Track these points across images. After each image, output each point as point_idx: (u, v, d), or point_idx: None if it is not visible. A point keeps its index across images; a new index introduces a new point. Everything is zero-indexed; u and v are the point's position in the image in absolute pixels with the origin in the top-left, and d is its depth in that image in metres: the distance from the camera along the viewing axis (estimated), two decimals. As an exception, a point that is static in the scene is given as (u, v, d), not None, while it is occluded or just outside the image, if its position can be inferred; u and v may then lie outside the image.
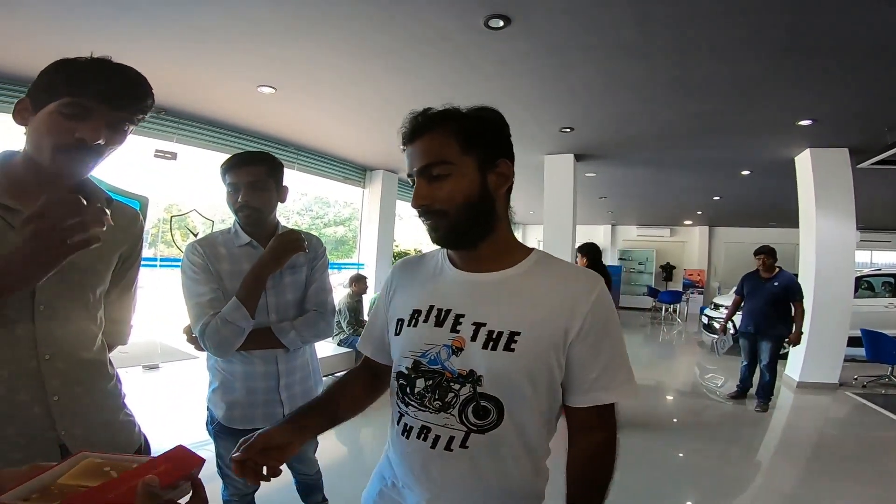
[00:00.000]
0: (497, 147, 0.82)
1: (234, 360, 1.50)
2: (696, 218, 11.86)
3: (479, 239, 0.83)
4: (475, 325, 0.80)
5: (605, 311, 0.81)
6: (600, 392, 0.81)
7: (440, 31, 2.86)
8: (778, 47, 2.86)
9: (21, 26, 2.87)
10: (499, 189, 0.82)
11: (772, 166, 5.73)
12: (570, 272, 0.86)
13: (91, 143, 0.83)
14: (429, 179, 0.79)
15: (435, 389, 0.82)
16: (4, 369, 0.83)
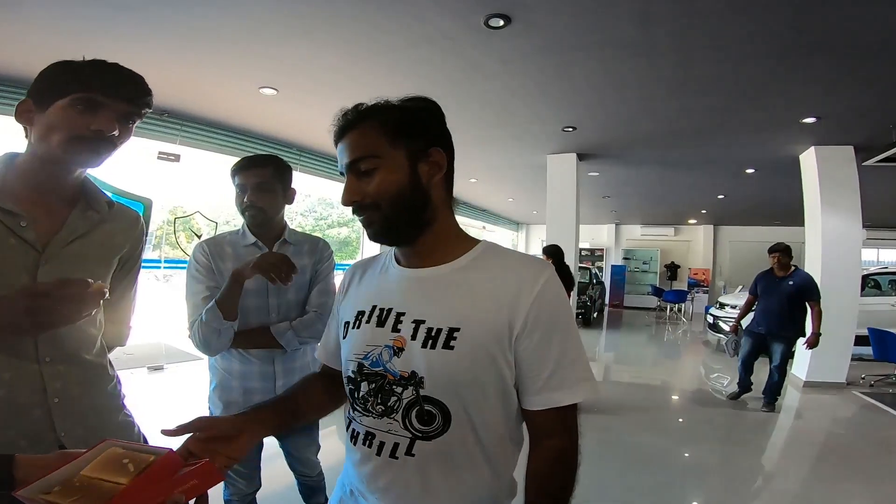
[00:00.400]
0: (428, 137, 0.77)
1: (233, 358, 1.52)
2: (701, 217, 11.81)
3: (417, 232, 0.78)
4: (415, 322, 0.76)
5: (554, 301, 0.76)
6: (553, 392, 0.74)
7: (441, 31, 2.86)
8: (781, 45, 2.84)
9: (21, 29, 2.89)
10: (432, 178, 0.77)
11: (777, 164, 5.69)
12: (515, 261, 0.79)
13: (107, 133, 0.87)
14: (358, 174, 0.75)
15: (378, 393, 0.78)
16: (6, 372, 0.84)
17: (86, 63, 0.87)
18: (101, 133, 0.86)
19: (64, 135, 0.84)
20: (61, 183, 0.92)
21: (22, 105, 0.87)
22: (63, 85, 0.84)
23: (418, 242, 0.80)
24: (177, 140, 4.67)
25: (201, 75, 3.65)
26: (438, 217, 0.80)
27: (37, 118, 0.86)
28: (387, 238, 0.79)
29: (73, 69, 0.86)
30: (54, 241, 0.89)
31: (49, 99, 0.85)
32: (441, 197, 0.80)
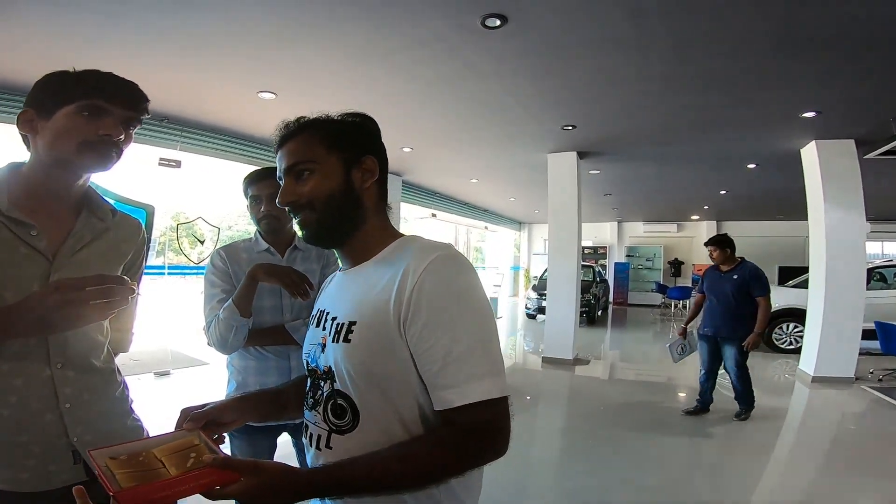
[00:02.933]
0: (361, 147, 0.83)
1: (250, 357, 1.59)
2: (704, 213, 11.78)
3: (347, 234, 0.83)
4: (332, 319, 0.81)
5: (438, 286, 0.70)
6: (443, 392, 0.68)
7: (436, 32, 2.87)
8: (777, 38, 2.83)
9: (19, 37, 2.91)
10: (364, 183, 0.82)
11: (778, 159, 5.67)
12: (413, 249, 0.77)
13: (114, 138, 0.89)
14: (296, 178, 0.80)
15: (311, 387, 0.84)
16: (18, 378, 0.86)
17: (83, 72, 0.89)
18: (108, 137, 0.89)
19: (73, 141, 0.86)
20: (67, 191, 0.94)
21: (24, 115, 0.89)
22: (66, 93, 0.86)
23: (348, 244, 0.84)
24: (177, 146, 4.69)
25: (200, 81, 3.67)
26: (368, 219, 0.83)
27: (41, 126, 0.88)
28: (320, 239, 0.84)
29: (73, 78, 0.88)
30: (63, 250, 0.91)
31: (52, 107, 0.86)
32: (373, 200, 0.84)
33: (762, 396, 4.46)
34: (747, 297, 3.69)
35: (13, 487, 0.85)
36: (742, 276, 3.72)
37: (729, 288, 3.73)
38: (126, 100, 0.91)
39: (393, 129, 4.95)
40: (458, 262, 0.75)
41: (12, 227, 0.85)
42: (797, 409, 4.42)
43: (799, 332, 6.56)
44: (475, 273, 0.76)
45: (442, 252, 0.74)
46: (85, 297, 0.77)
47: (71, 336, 0.91)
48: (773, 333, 6.90)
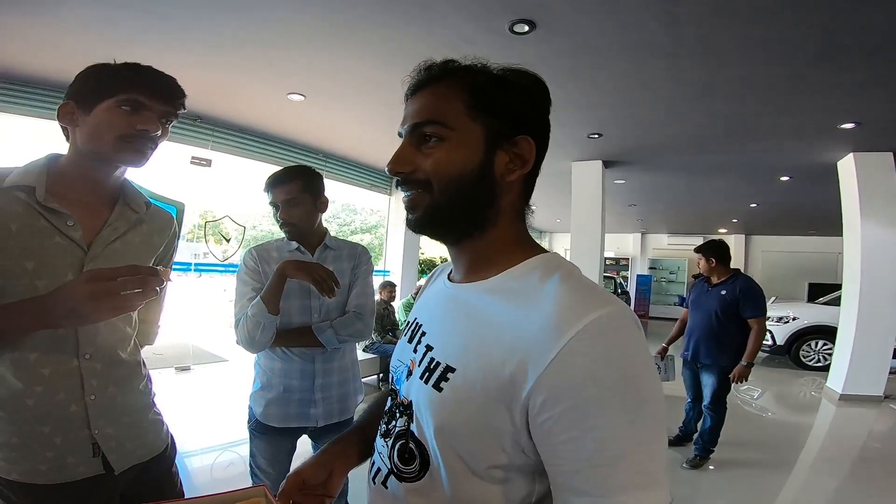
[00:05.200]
0: (519, 119, 0.61)
1: (276, 357, 1.59)
2: (732, 226, 11.49)
3: (467, 234, 0.63)
4: (426, 347, 0.64)
5: (600, 362, 0.49)
6: (577, 497, 0.50)
7: (465, 37, 2.88)
8: (815, 46, 2.75)
9: (58, 35, 2.99)
10: (509, 174, 0.61)
11: (813, 171, 5.49)
12: (557, 291, 0.55)
13: (151, 132, 0.90)
14: (418, 141, 0.61)
15: (389, 411, 0.70)
16: (46, 368, 0.86)
17: (124, 66, 0.91)
18: (146, 132, 0.90)
19: (113, 134, 0.88)
20: (104, 182, 0.95)
21: (64, 107, 0.90)
22: (107, 87, 0.88)
23: (466, 248, 0.65)
24: (209, 145, 4.80)
25: (232, 81, 3.75)
26: (500, 221, 0.63)
27: (81, 119, 0.89)
28: (430, 230, 0.65)
29: (114, 71, 0.90)
30: (98, 240, 0.92)
31: (93, 100, 0.88)
32: (512, 200, 0.63)
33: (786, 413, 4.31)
34: (735, 317, 3.03)
35: (31, 479, 0.85)
36: (731, 292, 3.05)
37: (713, 304, 3.09)
38: (165, 95, 0.92)
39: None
40: (626, 329, 0.51)
41: (49, 217, 0.86)
42: (822, 427, 4.27)
43: (828, 350, 6.41)
44: (645, 343, 0.53)
45: (604, 312, 0.51)
46: (118, 287, 0.76)
47: (101, 327, 0.92)
48: (801, 350, 6.77)
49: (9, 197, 0.84)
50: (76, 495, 0.88)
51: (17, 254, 0.83)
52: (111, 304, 0.77)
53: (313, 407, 1.57)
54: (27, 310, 0.79)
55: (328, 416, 1.59)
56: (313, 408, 1.57)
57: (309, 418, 1.56)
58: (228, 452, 3.12)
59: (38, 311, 0.79)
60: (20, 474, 0.85)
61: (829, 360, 5.84)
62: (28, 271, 0.83)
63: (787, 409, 4.22)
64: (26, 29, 2.90)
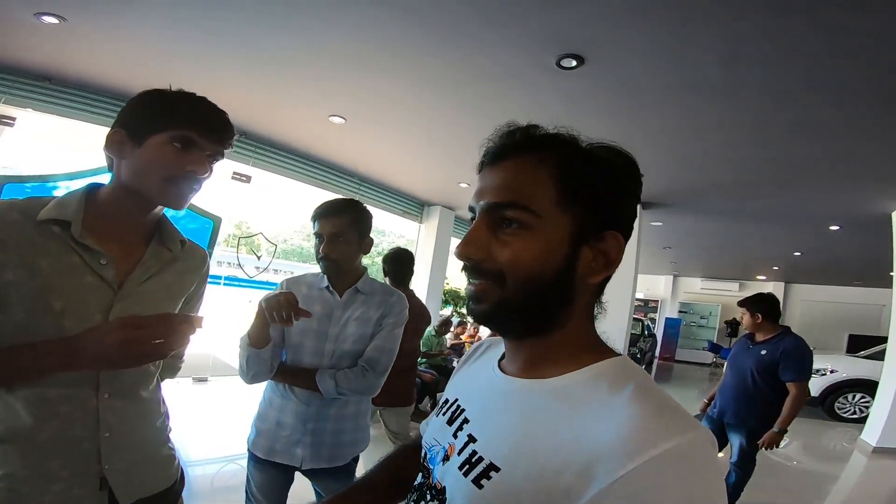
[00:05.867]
0: (611, 212, 0.55)
1: (277, 390, 1.55)
2: (772, 273, 11.06)
3: (532, 333, 0.57)
4: (469, 437, 0.58)
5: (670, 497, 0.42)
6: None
7: (510, 69, 2.86)
8: (875, 92, 2.63)
9: (124, 43, 3.10)
10: (592, 275, 0.55)
11: (865, 221, 5.24)
12: (629, 406, 0.48)
13: (199, 174, 0.88)
14: (495, 224, 0.55)
15: (420, 489, 0.65)
16: (63, 406, 0.83)
17: (179, 97, 0.88)
18: (193, 174, 0.87)
19: (161, 173, 0.85)
20: (142, 218, 0.92)
21: (114, 136, 0.87)
22: (161, 119, 0.85)
23: (529, 343, 0.58)
24: (250, 161, 4.92)
25: (277, 100, 3.84)
26: (570, 323, 0.56)
27: (129, 151, 0.86)
28: (497, 325, 0.58)
29: (168, 103, 0.86)
30: (130, 280, 0.89)
31: (145, 132, 0.85)
32: (587, 298, 0.57)
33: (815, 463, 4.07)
34: (773, 379, 2.70)
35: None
36: (772, 353, 2.73)
37: (751, 363, 2.79)
38: (218, 134, 0.89)
39: (453, 163, 4.97)
40: (708, 463, 0.45)
41: (82, 254, 0.83)
42: (851, 478, 4.10)
43: (865, 402, 6.27)
44: (721, 478, 0.47)
45: (685, 439, 0.44)
46: (149, 336, 0.75)
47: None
48: (837, 402, 6.63)
49: (43, 231, 0.81)
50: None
51: (46, 292, 0.80)
52: (140, 352, 0.76)
53: (300, 448, 1.49)
54: (53, 350, 0.77)
55: (315, 459, 1.50)
56: (300, 448, 1.49)
57: (294, 458, 1.49)
58: (234, 465, 3.11)
59: (63, 353, 0.77)
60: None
61: (865, 412, 5.73)
62: (56, 310, 0.80)
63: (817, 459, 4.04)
64: (98, 38, 3.04)
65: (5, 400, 0.81)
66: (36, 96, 3.64)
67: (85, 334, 0.77)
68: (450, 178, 5.63)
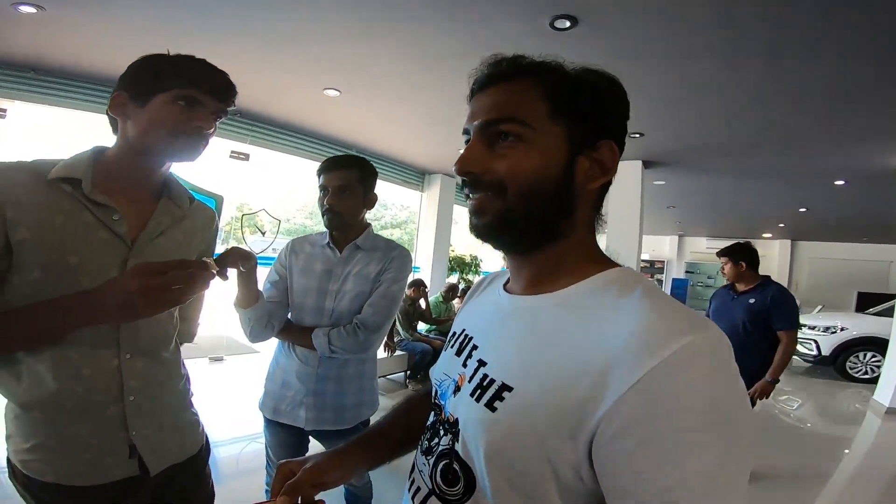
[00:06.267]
0: (604, 123, 0.56)
1: (282, 351, 1.57)
2: (778, 231, 10.96)
3: (535, 245, 0.57)
4: (479, 363, 0.59)
5: (686, 394, 0.42)
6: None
7: (504, 34, 2.79)
8: (880, 51, 2.55)
9: (104, 26, 3.04)
10: (590, 182, 0.56)
11: (871, 176, 5.15)
12: (637, 310, 0.48)
13: (206, 130, 0.90)
14: (490, 140, 0.55)
15: (432, 427, 0.65)
16: (86, 368, 0.84)
17: (179, 59, 0.89)
18: (200, 129, 0.88)
19: (167, 130, 0.86)
20: (151, 176, 0.94)
21: (116, 98, 0.88)
22: (163, 80, 0.86)
23: (532, 259, 0.59)
24: (247, 140, 4.89)
25: (270, 77, 3.78)
26: (574, 231, 0.57)
27: (134, 112, 0.87)
28: (497, 238, 0.58)
29: (170, 65, 0.87)
30: (142, 236, 0.90)
31: (148, 93, 0.86)
32: (587, 209, 0.58)
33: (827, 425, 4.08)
34: (764, 329, 2.70)
35: (69, 481, 0.84)
36: (761, 302, 2.73)
37: (741, 315, 2.77)
38: (220, 92, 0.91)
39: (452, 131, 4.92)
40: (718, 356, 0.45)
41: (94, 211, 0.84)
42: (865, 441, 4.07)
43: (877, 362, 6.15)
44: (737, 373, 0.46)
45: (699, 336, 0.44)
46: (168, 281, 0.75)
47: (143, 325, 0.90)
48: (848, 362, 6.49)
49: (54, 190, 0.82)
50: (111, 496, 0.87)
51: (61, 249, 0.80)
52: (161, 299, 0.76)
53: (304, 409, 1.50)
54: (76, 304, 0.77)
55: (318, 422, 1.51)
56: (303, 409, 1.50)
57: (297, 419, 1.50)
58: (256, 443, 3.15)
59: (86, 306, 0.77)
60: (56, 476, 0.83)
61: (877, 371, 5.62)
62: (72, 267, 0.81)
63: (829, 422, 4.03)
64: (81, 25, 2.98)
65: (28, 364, 0.82)
66: (23, 87, 3.61)
67: (104, 285, 0.77)
68: (450, 146, 5.58)
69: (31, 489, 0.85)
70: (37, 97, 3.69)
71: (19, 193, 0.79)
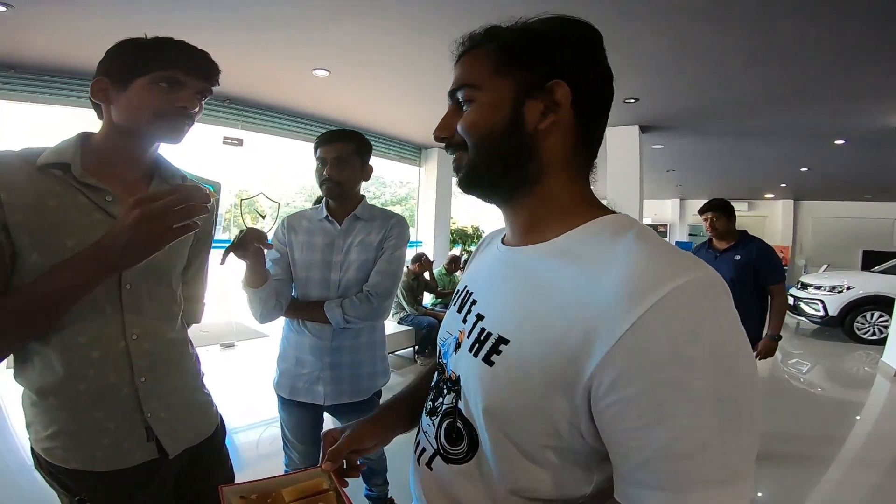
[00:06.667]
0: (551, 66, 0.56)
1: (292, 328, 1.58)
2: (780, 191, 10.88)
3: (511, 190, 0.60)
4: (477, 316, 0.60)
5: (680, 338, 0.41)
6: (641, 489, 0.43)
7: (494, 3, 2.73)
8: (878, 10, 2.50)
9: (79, 22, 2.99)
10: (541, 121, 0.56)
11: (870, 135, 5.09)
12: (629, 253, 0.48)
13: (190, 110, 0.89)
14: (456, 107, 0.62)
15: (436, 387, 0.66)
16: (95, 350, 0.85)
17: (157, 41, 0.88)
18: (184, 109, 0.88)
19: (150, 111, 0.86)
20: (139, 158, 0.94)
21: (97, 83, 0.88)
22: (142, 63, 0.86)
23: (519, 207, 0.61)
24: (239, 125, 4.86)
25: (257, 60, 3.73)
26: (549, 175, 0.58)
27: (115, 96, 0.87)
28: (475, 189, 0.62)
29: (148, 47, 0.87)
30: None
31: (128, 77, 0.86)
32: (557, 150, 0.58)
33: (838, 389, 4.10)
34: (752, 285, 2.62)
35: (88, 467, 0.85)
36: (747, 257, 2.64)
37: (728, 273, 2.60)
38: (202, 71, 0.90)
39: (446, 104, 4.86)
40: (718, 300, 0.44)
41: (87, 193, 0.85)
42: (875, 404, 4.07)
43: (884, 322, 6.02)
44: (735, 314, 0.45)
45: (692, 277, 0.43)
46: (165, 205, 0.73)
47: (146, 304, 0.91)
48: (856, 323, 6.33)
49: (45, 175, 0.82)
50: (133, 480, 0.89)
51: (57, 230, 0.81)
52: (162, 226, 0.73)
53: (321, 384, 1.52)
54: (86, 257, 0.76)
55: (336, 395, 1.54)
56: (321, 385, 1.52)
57: (316, 395, 1.53)
58: (273, 427, 3.22)
59: (97, 256, 0.76)
60: (79, 462, 0.85)
61: (885, 332, 5.52)
62: (69, 248, 0.81)
63: (839, 385, 4.01)
64: (55, 21, 2.93)
65: (39, 351, 0.83)
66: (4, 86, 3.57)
67: (108, 231, 0.76)
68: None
69: (56, 477, 0.87)
70: (17, 95, 3.66)
71: (11, 178, 0.80)
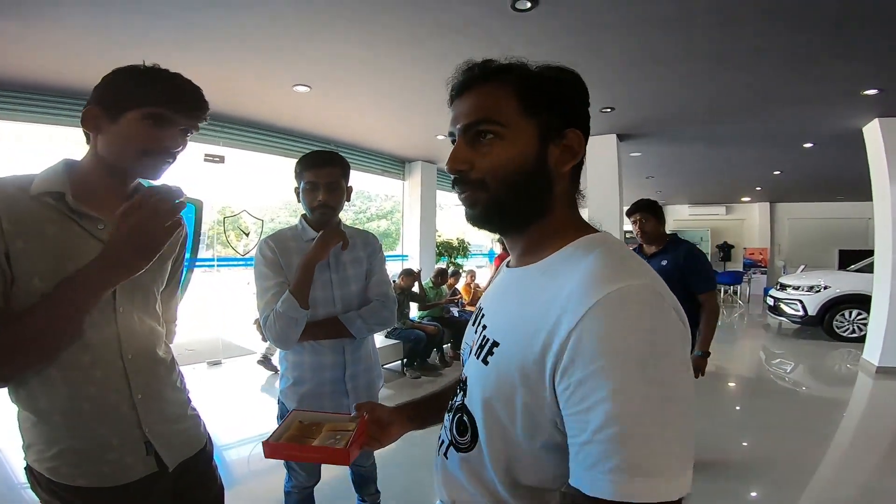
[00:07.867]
0: (568, 114, 0.64)
1: (304, 351, 1.56)
2: (755, 194, 11.15)
3: (522, 226, 0.66)
4: (483, 327, 0.69)
5: (608, 334, 0.48)
6: (579, 468, 0.49)
7: (467, 17, 2.82)
8: (834, 14, 2.64)
9: (61, 40, 3.01)
10: (562, 166, 0.63)
11: (837, 138, 5.29)
12: (588, 265, 0.56)
13: (174, 150, 0.92)
14: (472, 141, 0.63)
15: (453, 388, 0.77)
16: (97, 370, 0.88)
17: (151, 74, 0.90)
18: (168, 149, 0.91)
19: (136, 148, 0.88)
20: (124, 188, 0.96)
21: (89, 112, 0.89)
22: (133, 97, 0.87)
23: (525, 235, 0.67)
24: (220, 142, 4.87)
25: (237, 77, 3.77)
26: (554, 209, 0.65)
27: (105, 127, 0.89)
28: (490, 224, 0.66)
29: (142, 81, 0.89)
30: None
31: (119, 109, 0.87)
32: (564, 188, 0.65)
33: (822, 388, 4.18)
34: (683, 292, 2.35)
35: (95, 483, 0.87)
36: (674, 262, 2.44)
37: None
38: (191, 111, 0.92)
39: (427, 117, 4.93)
40: (651, 303, 0.50)
41: (80, 221, 0.87)
42: (858, 401, 4.16)
43: (863, 320, 6.16)
44: (669, 320, 0.50)
45: (631, 283, 0.50)
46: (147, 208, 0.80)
47: (137, 326, 0.94)
48: (835, 321, 6.49)
49: (39, 203, 0.84)
50: (137, 495, 0.91)
51: (58, 255, 0.83)
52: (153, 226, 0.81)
53: (346, 397, 1.56)
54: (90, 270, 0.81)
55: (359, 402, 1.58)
56: (346, 398, 1.56)
57: (342, 409, 1.53)
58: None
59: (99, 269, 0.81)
60: (85, 479, 0.86)
61: (864, 330, 5.64)
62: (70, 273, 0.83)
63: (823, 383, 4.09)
64: (27, 35, 2.93)
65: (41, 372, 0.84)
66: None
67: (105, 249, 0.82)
68: (426, 132, 5.59)
69: (59, 495, 0.87)
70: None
71: (10, 206, 0.82)
